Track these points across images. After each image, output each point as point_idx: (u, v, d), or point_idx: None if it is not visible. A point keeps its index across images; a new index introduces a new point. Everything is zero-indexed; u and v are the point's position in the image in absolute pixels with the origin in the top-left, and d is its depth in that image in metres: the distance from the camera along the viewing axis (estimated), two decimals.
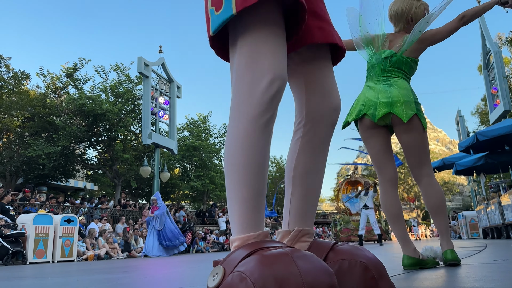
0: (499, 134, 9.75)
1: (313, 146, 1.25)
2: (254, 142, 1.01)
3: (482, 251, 4.05)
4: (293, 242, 1.19)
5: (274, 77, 1.00)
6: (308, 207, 1.25)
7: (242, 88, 1.03)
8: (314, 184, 1.26)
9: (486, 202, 12.50)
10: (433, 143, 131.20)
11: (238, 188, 1.00)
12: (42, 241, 8.89)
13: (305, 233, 1.21)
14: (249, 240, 0.96)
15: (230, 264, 0.91)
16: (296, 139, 1.28)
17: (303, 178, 1.25)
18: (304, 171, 1.25)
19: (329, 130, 1.26)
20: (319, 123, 1.24)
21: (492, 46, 16.94)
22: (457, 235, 18.94)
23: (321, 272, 0.83)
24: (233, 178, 1.01)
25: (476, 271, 1.99)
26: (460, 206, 59.13)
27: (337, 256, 1.07)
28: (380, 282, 1.01)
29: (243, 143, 1.01)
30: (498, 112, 16.43)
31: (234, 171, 1.01)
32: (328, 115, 1.24)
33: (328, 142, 1.27)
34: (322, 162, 1.28)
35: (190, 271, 3.48)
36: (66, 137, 18.36)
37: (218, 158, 25.12)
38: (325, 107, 1.24)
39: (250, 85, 1.01)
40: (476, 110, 31.58)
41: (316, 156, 1.26)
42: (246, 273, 0.83)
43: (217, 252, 15.38)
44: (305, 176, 1.25)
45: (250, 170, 1.00)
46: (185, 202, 29.55)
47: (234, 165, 1.02)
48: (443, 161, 15.03)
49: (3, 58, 19.22)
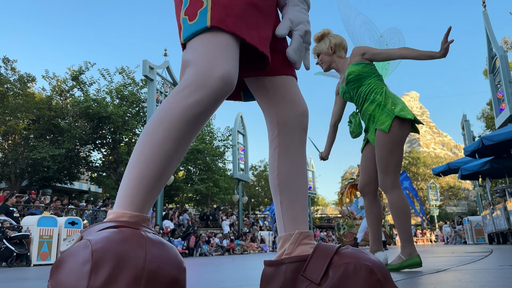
0: (505, 139, 9.71)
1: (291, 152, 1.31)
2: (177, 127, 1.00)
3: (488, 257, 4.02)
4: (295, 245, 1.20)
5: (225, 75, 1.03)
6: (300, 210, 1.28)
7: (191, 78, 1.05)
8: (300, 187, 1.30)
9: (491, 207, 12.43)
10: (439, 147, 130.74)
11: (143, 163, 0.98)
12: (46, 243, 8.92)
13: (306, 235, 1.23)
14: (123, 217, 0.93)
15: (87, 232, 0.90)
16: (274, 148, 1.34)
17: (288, 184, 1.29)
18: (288, 177, 1.30)
19: (302, 135, 1.33)
20: (292, 130, 1.31)
21: (498, 50, 16.88)
22: (462, 240, 18.82)
23: (169, 263, 0.83)
24: (142, 152, 1.00)
25: (482, 276, 1.98)
26: (466, 211, 58.78)
27: (342, 260, 1.07)
28: (385, 285, 1.02)
29: (169, 123, 1.00)
30: (504, 117, 16.35)
31: (147, 145, 1.00)
32: (299, 121, 1.32)
33: (303, 146, 1.34)
34: (302, 166, 1.33)
35: (194, 274, 3.47)
36: (71, 139, 18.44)
37: (222, 161, 25.12)
38: (295, 115, 1.31)
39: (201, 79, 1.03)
40: (482, 114, 31.47)
41: (296, 160, 1.31)
42: (91, 242, 0.82)
43: (221, 255, 15.36)
44: (290, 181, 1.29)
45: (162, 152, 0.99)
46: (188, 205, 29.57)
47: (149, 140, 1.00)
48: (448, 165, 14.97)
49: (9, 61, 19.36)
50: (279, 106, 1.33)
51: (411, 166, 49.63)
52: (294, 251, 1.19)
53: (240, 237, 19.78)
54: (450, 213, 55.96)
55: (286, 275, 1.14)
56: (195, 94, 1.01)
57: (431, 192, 40.58)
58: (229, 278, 2.87)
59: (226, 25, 1.08)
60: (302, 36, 1.30)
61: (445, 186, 51.54)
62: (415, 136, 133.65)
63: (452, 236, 22.09)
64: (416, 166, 49.66)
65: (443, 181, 49.92)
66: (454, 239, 20.99)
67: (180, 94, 1.02)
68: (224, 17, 1.09)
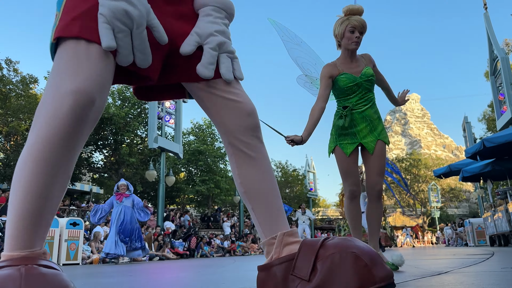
0: (506, 141, 9.70)
1: (247, 157, 1.25)
2: (46, 156, 0.97)
3: (489, 259, 4.02)
4: (281, 247, 1.18)
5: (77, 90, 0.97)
6: (275, 212, 1.24)
7: (44, 99, 1.00)
8: (268, 189, 1.26)
9: (493, 209, 12.41)
10: (440, 149, 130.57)
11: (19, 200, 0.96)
12: (47, 244, 8.93)
13: (290, 234, 1.20)
14: (7, 258, 0.94)
15: None
16: (230, 156, 1.29)
17: (255, 189, 1.25)
18: (252, 183, 1.25)
19: (254, 135, 1.26)
20: (241, 133, 1.24)
21: (500, 52, 16.88)
22: (464, 242, 18.78)
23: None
24: (17, 187, 0.97)
25: (483, 279, 1.98)
26: (467, 213, 58.68)
27: (327, 252, 1.06)
28: (373, 269, 1.00)
29: (35, 156, 0.97)
30: (505, 119, 16.35)
31: (17, 182, 0.97)
32: (245, 122, 1.24)
33: (259, 146, 1.27)
34: (264, 167, 1.27)
35: (196, 276, 3.48)
36: None
37: (224, 162, 25.15)
38: (239, 117, 1.24)
39: (52, 96, 0.99)
40: (483, 116, 31.44)
41: (255, 164, 1.25)
42: None
43: (222, 256, 15.35)
44: (255, 186, 1.25)
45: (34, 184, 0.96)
46: (190, 206, 29.56)
47: (21, 176, 0.98)
48: (450, 167, 14.95)
49: (12, 62, 19.40)
50: (220, 114, 1.26)
51: (412, 168, 49.53)
52: (281, 253, 1.17)
53: (241, 239, 19.78)
54: (451, 215, 55.86)
55: (277, 277, 1.14)
56: (51, 116, 0.96)
57: (432, 194, 40.50)
58: (230, 279, 2.88)
59: (70, 31, 1.02)
60: (213, 49, 1.21)
61: (446, 188, 51.42)
62: (416, 137, 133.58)
63: (453, 238, 22.05)
64: (417, 168, 49.53)
65: (444, 183, 49.80)
66: (455, 241, 20.95)
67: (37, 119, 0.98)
68: (68, 23, 1.03)
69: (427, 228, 47.91)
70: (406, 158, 52.10)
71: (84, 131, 1.02)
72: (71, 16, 1.04)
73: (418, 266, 3.28)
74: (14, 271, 0.87)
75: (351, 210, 3.20)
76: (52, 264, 0.99)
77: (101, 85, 1.03)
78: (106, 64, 1.05)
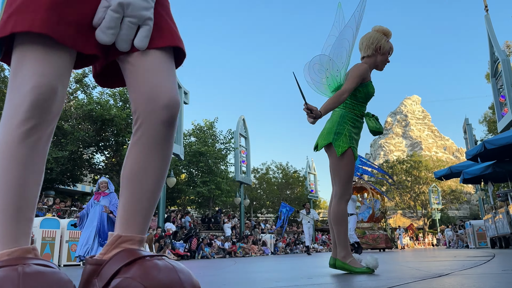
0: (507, 143, 9.70)
1: (141, 146, 1.15)
2: (12, 153, 0.97)
3: (490, 261, 4.02)
4: (110, 248, 1.11)
5: (36, 84, 0.98)
6: (136, 210, 1.15)
7: (8, 95, 1.02)
8: (142, 186, 1.15)
9: (494, 211, 12.40)
10: (440, 151, 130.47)
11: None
12: (48, 245, 8.94)
13: (126, 240, 1.12)
14: (2, 258, 0.93)
15: None
16: (132, 138, 1.19)
17: (130, 180, 1.15)
18: (130, 172, 1.16)
19: (161, 129, 1.14)
20: (148, 122, 1.13)
21: (500, 54, 16.87)
22: (464, 244, 18.77)
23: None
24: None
25: (484, 281, 1.98)
26: (468, 215, 58.60)
27: (127, 272, 1.01)
28: None
29: (1, 152, 0.98)
30: (506, 121, 16.32)
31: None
32: (158, 112, 1.12)
33: (163, 142, 1.15)
34: (154, 163, 1.16)
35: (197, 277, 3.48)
36: (74, 142, 18.49)
37: (224, 164, 25.15)
38: (153, 105, 1.12)
39: (13, 92, 1.00)
40: (484, 118, 31.43)
41: (145, 156, 1.15)
42: None
43: (223, 258, 15.35)
44: (131, 177, 1.15)
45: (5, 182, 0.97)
46: (190, 208, 29.57)
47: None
48: (450, 169, 14.94)
49: None
50: (138, 94, 1.14)
51: (413, 170, 49.49)
52: (108, 254, 1.11)
53: (242, 240, 19.78)
54: (452, 216, 55.82)
55: (84, 276, 1.10)
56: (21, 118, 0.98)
57: (433, 196, 40.47)
58: (230, 280, 2.88)
59: (5, 30, 1.01)
60: (115, 10, 1.07)
61: (447, 189, 51.35)
62: (417, 139, 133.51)
63: (454, 240, 22.03)
64: (418, 169, 49.51)
65: (445, 185, 49.74)
66: (456, 243, 20.93)
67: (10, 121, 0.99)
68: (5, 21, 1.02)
69: (427, 230, 47.84)
70: (407, 160, 52.09)
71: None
72: (7, 13, 1.03)
73: (419, 268, 3.28)
74: (11, 271, 0.87)
75: (346, 214, 3.20)
76: (49, 262, 0.99)
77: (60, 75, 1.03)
78: (59, 56, 1.04)
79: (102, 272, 1.04)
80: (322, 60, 3.21)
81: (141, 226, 1.16)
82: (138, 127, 1.15)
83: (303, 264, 5.57)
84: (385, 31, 3.25)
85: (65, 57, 1.06)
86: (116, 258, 1.05)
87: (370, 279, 2.40)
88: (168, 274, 1.00)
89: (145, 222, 1.17)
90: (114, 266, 1.03)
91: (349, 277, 2.67)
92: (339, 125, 3.18)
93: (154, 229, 14.33)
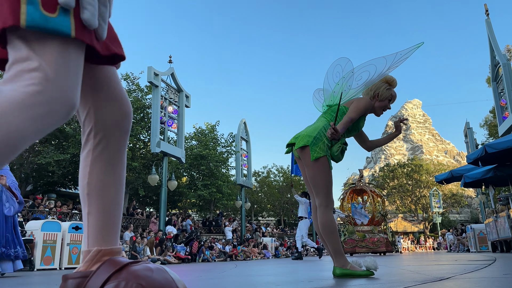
0: (508, 147, 9.70)
1: (108, 157, 1.15)
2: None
3: (491, 265, 4.02)
4: (91, 263, 1.12)
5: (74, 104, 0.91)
6: (110, 223, 1.15)
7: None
8: (114, 197, 1.17)
9: (495, 215, 12.38)
10: (441, 154, 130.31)
11: None
12: (50, 248, 8.95)
13: (107, 253, 1.13)
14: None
15: None
16: (87, 152, 1.16)
17: (100, 193, 1.14)
18: (101, 185, 1.15)
19: (124, 138, 1.17)
20: (113, 132, 1.14)
21: (501, 58, 16.89)
22: (465, 248, 18.72)
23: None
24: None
25: (486, 285, 1.99)
26: (469, 219, 58.48)
27: (119, 276, 1.02)
28: None
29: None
30: (507, 125, 16.32)
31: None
32: (121, 122, 1.15)
33: (124, 150, 1.19)
34: (120, 172, 1.19)
35: (197, 281, 3.49)
36: (76, 144, 18.52)
37: (226, 167, 25.15)
38: (118, 115, 1.14)
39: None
40: (485, 122, 31.43)
41: (113, 166, 1.16)
42: None
43: (223, 261, 15.33)
44: (102, 190, 1.15)
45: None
46: (192, 211, 29.56)
47: None
48: (451, 173, 14.94)
49: None
50: (103, 103, 1.12)
51: (413, 173, 49.40)
52: (91, 268, 1.11)
53: (243, 243, 19.75)
54: (453, 220, 55.64)
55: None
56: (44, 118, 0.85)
57: (433, 200, 40.38)
58: (231, 284, 2.89)
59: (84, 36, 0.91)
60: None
61: (448, 193, 51.21)
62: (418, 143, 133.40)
63: (455, 243, 21.98)
64: (418, 173, 49.41)
65: (446, 189, 49.63)
66: (457, 247, 20.88)
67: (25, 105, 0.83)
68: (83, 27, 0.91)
69: (428, 234, 47.72)
70: (407, 163, 51.98)
71: None
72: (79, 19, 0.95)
73: (420, 272, 3.29)
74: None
75: (334, 221, 3.19)
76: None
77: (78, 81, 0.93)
78: None
79: (89, 283, 1.04)
80: (346, 67, 3.23)
81: (116, 237, 1.17)
82: (99, 140, 1.13)
83: (304, 267, 5.57)
84: (388, 80, 3.32)
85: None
86: (103, 268, 1.06)
87: (371, 283, 2.40)
88: (161, 274, 1.04)
89: (118, 233, 1.19)
90: (103, 275, 1.04)
91: (350, 281, 2.68)
92: (321, 132, 3.18)
93: (155, 232, 14.33)
